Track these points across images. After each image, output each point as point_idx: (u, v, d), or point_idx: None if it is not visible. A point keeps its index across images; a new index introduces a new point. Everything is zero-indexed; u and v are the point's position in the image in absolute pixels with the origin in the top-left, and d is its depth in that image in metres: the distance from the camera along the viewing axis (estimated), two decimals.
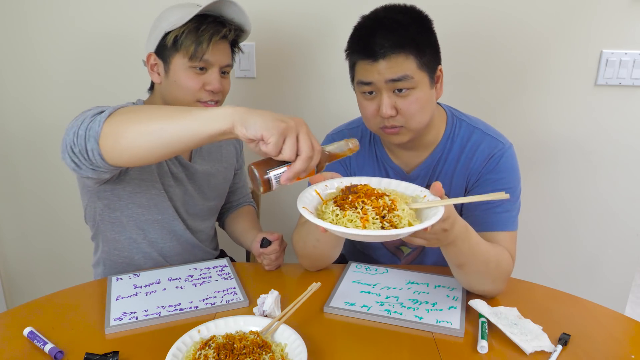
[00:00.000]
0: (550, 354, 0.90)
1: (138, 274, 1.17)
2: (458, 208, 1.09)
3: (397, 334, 0.96)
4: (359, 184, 0.87)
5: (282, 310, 0.97)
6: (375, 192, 0.85)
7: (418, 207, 0.84)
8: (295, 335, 0.88)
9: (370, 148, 1.24)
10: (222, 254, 1.52)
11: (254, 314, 1.00)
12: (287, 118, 0.79)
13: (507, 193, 1.14)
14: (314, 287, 0.99)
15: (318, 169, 0.84)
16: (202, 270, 1.19)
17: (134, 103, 1.24)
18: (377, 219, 0.79)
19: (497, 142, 1.15)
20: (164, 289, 1.10)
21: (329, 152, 0.87)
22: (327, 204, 0.85)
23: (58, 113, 1.75)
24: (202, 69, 1.17)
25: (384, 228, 0.78)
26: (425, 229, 0.78)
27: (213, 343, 0.85)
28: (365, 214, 0.79)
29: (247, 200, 1.55)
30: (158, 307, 1.03)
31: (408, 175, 1.20)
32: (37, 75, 1.72)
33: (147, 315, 1.00)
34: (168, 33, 1.15)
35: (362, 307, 1.03)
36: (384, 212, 0.80)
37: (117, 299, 1.06)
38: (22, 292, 2.02)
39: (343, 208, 0.81)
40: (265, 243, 1.20)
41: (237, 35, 1.23)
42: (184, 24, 1.14)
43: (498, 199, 0.83)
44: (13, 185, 1.87)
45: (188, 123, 0.83)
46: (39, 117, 1.77)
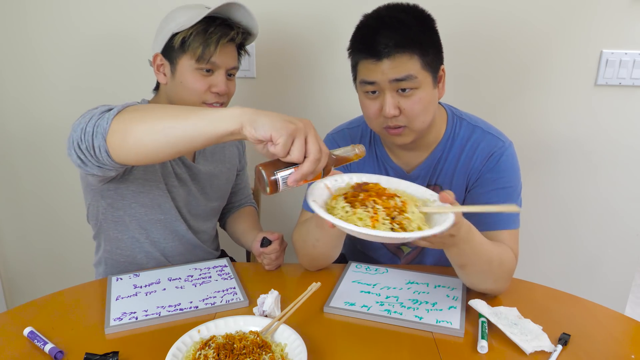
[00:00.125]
0: (550, 354, 0.90)
1: (138, 274, 1.17)
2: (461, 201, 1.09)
3: (397, 334, 0.96)
4: (370, 183, 0.88)
5: (282, 310, 0.97)
6: (387, 192, 0.85)
7: (428, 211, 0.85)
8: (295, 335, 0.88)
9: (371, 148, 1.24)
10: (222, 254, 1.52)
11: (254, 314, 0.99)
12: (295, 119, 0.79)
13: (507, 191, 1.13)
14: (314, 287, 0.99)
15: (325, 173, 0.84)
16: (202, 270, 1.19)
17: (139, 103, 1.23)
18: (387, 220, 0.80)
19: (497, 140, 1.15)
20: (164, 289, 1.10)
21: (336, 156, 0.88)
22: (337, 199, 0.85)
23: (58, 113, 1.76)
24: (208, 71, 1.17)
25: (393, 229, 0.79)
26: (434, 235, 0.79)
27: (213, 343, 0.85)
28: (376, 214, 0.80)
29: (248, 201, 1.55)
30: (158, 307, 1.03)
31: (408, 175, 1.20)
32: (37, 76, 1.72)
33: (147, 315, 1.00)
34: (175, 34, 1.15)
35: (362, 307, 1.03)
36: (394, 213, 0.81)
37: (117, 299, 1.06)
38: (22, 292, 2.02)
39: (353, 205, 0.82)
40: (266, 242, 1.20)
41: (244, 39, 1.23)
42: (192, 26, 1.13)
43: (503, 205, 0.84)
44: (13, 186, 1.87)
45: (196, 123, 0.82)
46: (39, 117, 1.78)
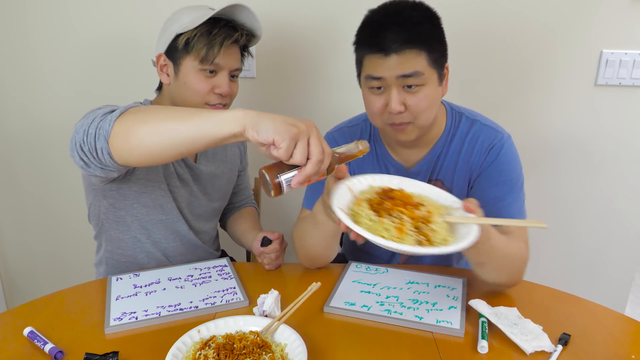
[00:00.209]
0: (551, 354, 0.90)
1: (138, 274, 1.17)
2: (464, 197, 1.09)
3: (397, 334, 0.96)
4: (396, 189, 0.89)
5: (282, 310, 0.97)
6: (412, 200, 0.86)
7: (452, 221, 0.86)
8: (295, 335, 0.88)
9: (370, 145, 1.24)
10: (222, 254, 1.52)
11: (254, 314, 0.99)
12: (297, 122, 0.79)
13: (510, 183, 1.15)
14: (314, 287, 0.99)
15: (328, 172, 0.85)
16: (202, 270, 1.19)
17: (142, 103, 1.24)
18: (413, 231, 0.80)
19: (495, 132, 1.16)
20: (164, 289, 1.10)
21: (339, 154, 0.88)
22: (361, 205, 0.86)
23: (58, 114, 1.76)
24: (212, 72, 1.17)
25: (419, 241, 0.80)
26: None
27: (213, 343, 0.85)
28: (402, 224, 0.81)
29: (249, 202, 1.55)
30: (158, 307, 1.03)
31: (409, 171, 1.20)
32: (37, 76, 1.73)
33: (147, 315, 1.00)
34: (180, 35, 1.15)
35: (362, 307, 1.03)
36: (420, 223, 0.82)
37: (117, 299, 1.06)
38: (22, 292, 2.02)
39: (379, 214, 0.82)
40: (266, 242, 1.20)
41: (247, 40, 1.23)
42: (196, 27, 1.13)
43: (529, 220, 0.86)
44: (13, 186, 1.87)
45: (199, 125, 0.82)
46: (39, 117, 1.78)
